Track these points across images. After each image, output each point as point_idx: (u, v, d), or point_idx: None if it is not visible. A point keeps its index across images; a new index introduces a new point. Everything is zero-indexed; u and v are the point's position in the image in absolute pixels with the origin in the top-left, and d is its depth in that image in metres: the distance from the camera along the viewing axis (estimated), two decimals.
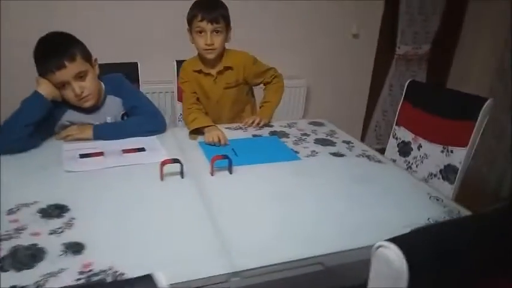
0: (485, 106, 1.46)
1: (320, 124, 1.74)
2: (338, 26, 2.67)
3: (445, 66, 3.18)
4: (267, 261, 0.85)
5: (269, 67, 1.79)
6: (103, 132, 1.40)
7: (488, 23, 2.90)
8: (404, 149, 1.81)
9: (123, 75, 1.54)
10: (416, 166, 1.73)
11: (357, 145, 1.52)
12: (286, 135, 1.58)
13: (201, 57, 1.67)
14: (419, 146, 1.72)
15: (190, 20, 1.58)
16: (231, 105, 1.76)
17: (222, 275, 0.81)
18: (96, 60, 1.44)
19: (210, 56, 1.61)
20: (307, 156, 1.39)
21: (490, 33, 2.91)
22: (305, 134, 1.60)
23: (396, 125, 1.84)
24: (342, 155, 1.42)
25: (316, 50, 2.68)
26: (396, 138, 1.85)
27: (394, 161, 1.85)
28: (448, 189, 1.55)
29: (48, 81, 1.32)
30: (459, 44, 3.10)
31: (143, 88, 1.79)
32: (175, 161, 1.16)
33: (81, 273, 0.78)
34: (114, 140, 1.38)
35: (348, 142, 1.54)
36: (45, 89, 1.32)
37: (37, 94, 1.31)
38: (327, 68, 2.76)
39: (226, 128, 1.61)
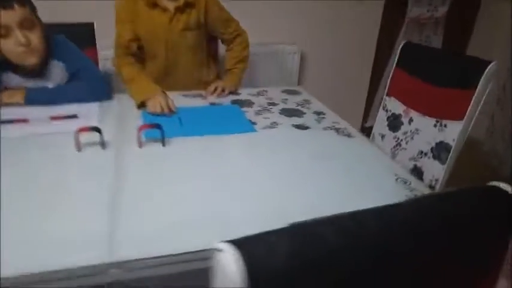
0: (487, 71, 1.21)
1: (294, 92, 1.53)
2: None
3: (465, 33, 2.84)
4: (160, 252, 0.69)
5: (232, 17, 1.57)
6: (36, 97, 1.26)
7: None
8: (394, 122, 1.58)
9: (65, 38, 1.37)
10: (406, 143, 1.51)
11: (329, 117, 1.32)
12: (250, 104, 1.39)
13: None
14: (411, 120, 1.49)
15: None
16: (189, 56, 1.52)
17: (97, 265, 0.66)
18: (41, 21, 1.27)
19: None
20: (264, 128, 1.20)
21: None
22: (272, 104, 1.40)
23: (387, 95, 1.60)
24: (306, 128, 1.22)
25: (310, 12, 2.41)
26: (386, 111, 1.62)
27: (382, 136, 1.63)
28: (439, 169, 1.33)
29: None
30: (481, 6, 2.74)
31: (102, 54, 1.62)
32: (95, 129, 1.00)
33: None
34: (47, 106, 1.23)
35: (319, 113, 1.34)
36: None
37: None
38: (324, 34, 2.48)
39: (184, 95, 1.44)
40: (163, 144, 1.06)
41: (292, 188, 0.90)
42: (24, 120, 1.14)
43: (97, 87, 1.33)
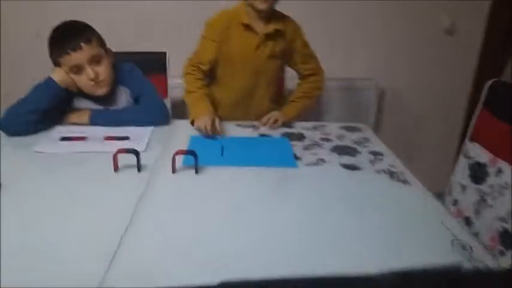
0: None
1: (354, 129, 1.41)
2: (423, 17, 2.20)
3: None
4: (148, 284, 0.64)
5: (314, 54, 1.52)
6: (98, 119, 1.34)
7: None
8: (478, 173, 1.35)
9: (134, 65, 1.46)
10: (493, 199, 1.27)
11: (386, 159, 1.18)
12: (301, 138, 1.31)
13: (247, 11, 1.37)
14: (499, 171, 1.25)
15: None
16: (266, 85, 1.49)
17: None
18: (110, 50, 1.39)
19: (263, 6, 1.31)
20: (308, 165, 1.11)
21: None
22: (326, 139, 1.30)
23: (470, 140, 1.39)
24: (356, 168, 1.10)
25: (392, 46, 2.25)
26: (468, 158, 1.40)
27: (462, 187, 1.40)
28: None
29: (61, 69, 1.29)
30: None
31: (171, 82, 1.69)
32: (131, 151, 1.02)
33: None
34: (109, 127, 1.31)
35: (376, 154, 1.21)
36: (59, 75, 1.29)
37: (50, 80, 1.28)
38: (405, 69, 2.30)
39: (237, 125, 1.41)
40: (196, 172, 1.03)
41: (319, 239, 0.79)
42: (82, 138, 1.22)
43: (153, 112, 1.37)
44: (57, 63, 1.29)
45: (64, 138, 1.22)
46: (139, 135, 1.26)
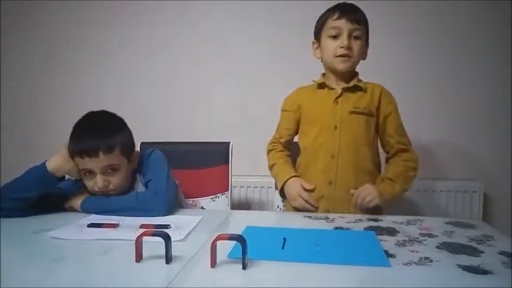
0: None
1: (467, 226, 1.03)
2: None
3: None
4: None
5: (406, 133, 1.32)
6: (89, 205, 1.14)
7: None
8: None
9: (157, 150, 1.29)
10: None
11: None
12: (392, 232, 0.97)
13: (326, 75, 1.35)
14: None
15: (323, 24, 1.29)
16: (353, 142, 1.26)
17: None
18: (137, 154, 1.25)
19: (344, 65, 1.25)
20: (407, 264, 0.76)
21: None
22: (428, 235, 0.94)
23: None
24: (485, 272, 0.72)
25: (494, 145, 1.90)
26: None
27: None
28: None
29: (67, 157, 1.14)
30: None
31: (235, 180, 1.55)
32: (159, 234, 0.77)
33: None
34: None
35: (509, 255, 0.82)
36: (56, 163, 1.13)
37: (42, 167, 1.12)
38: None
39: (306, 216, 1.12)
40: (244, 267, 0.74)
41: None
42: (113, 225, 1.01)
43: (147, 202, 1.12)
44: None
45: (92, 225, 1.01)
46: (183, 224, 1.03)
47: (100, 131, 1.14)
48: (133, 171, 1.25)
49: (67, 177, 1.20)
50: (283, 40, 1.98)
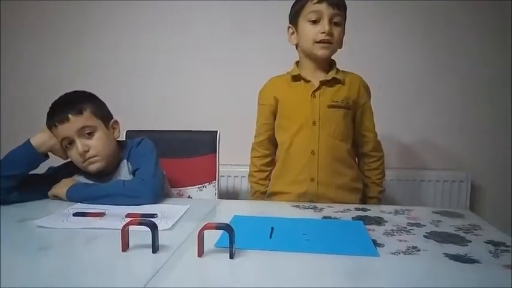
0: None
1: (454, 215, 1.04)
2: None
3: None
4: None
5: (374, 124, 1.31)
6: (74, 193, 1.12)
7: None
8: None
9: (146, 139, 1.28)
10: None
11: None
12: (379, 222, 0.97)
13: (302, 63, 1.28)
14: None
15: (301, 7, 1.21)
16: (332, 137, 1.24)
17: None
18: (116, 122, 1.25)
19: (323, 52, 1.20)
20: (395, 254, 0.76)
21: None
22: (415, 224, 0.95)
23: None
24: (471, 261, 0.73)
25: (482, 133, 1.91)
26: None
27: None
28: None
29: (50, 133, 1.17)
30: None
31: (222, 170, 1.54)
32: (146, 224, 0.76)
33: None
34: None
35: (496, 244, 0.82)
36: (40, 138, 1.15)
37: (27, 143, 1.14)
38: (502, 162, 1.91)
39: (294, 206, 1.12)
40: (232, 256, 0.73)
41: None
42: (99, 214, 0.99)
43: (133, 190, 1.10)
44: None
45: (78, 214, 0.99)
46: (170, 214, 1.01)
47: (69, 99, 1.19)
48: (119, 154, 1.25)
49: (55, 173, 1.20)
50: (271, 28, 1.96)
